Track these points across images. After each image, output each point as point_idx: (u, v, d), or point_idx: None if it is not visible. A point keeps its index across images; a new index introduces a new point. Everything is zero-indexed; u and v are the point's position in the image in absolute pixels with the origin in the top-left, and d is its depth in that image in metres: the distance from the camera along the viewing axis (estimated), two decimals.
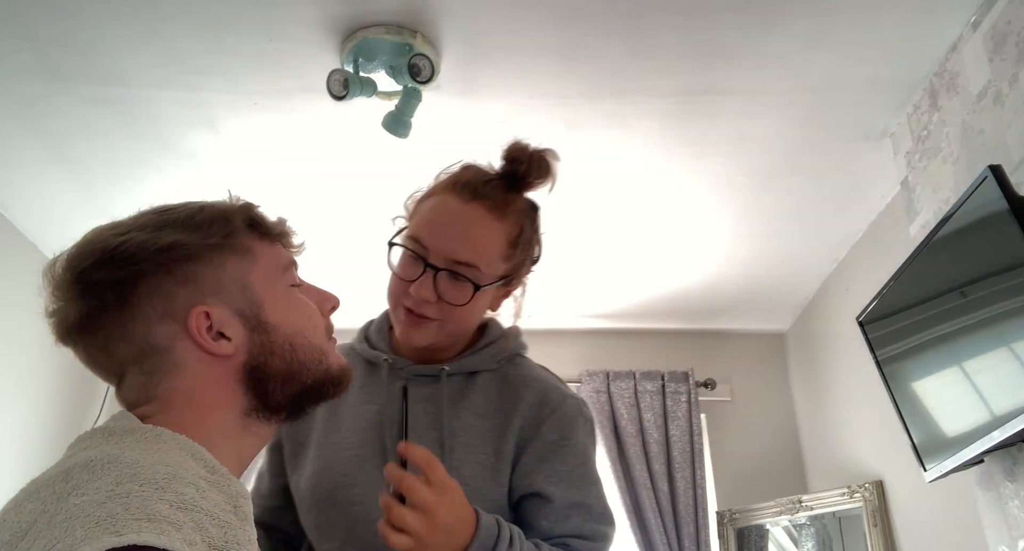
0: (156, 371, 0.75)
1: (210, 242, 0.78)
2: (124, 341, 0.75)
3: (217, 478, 0.69)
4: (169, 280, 0.75)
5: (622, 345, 3.56)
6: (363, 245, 2.87)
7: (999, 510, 1.77)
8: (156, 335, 0.75)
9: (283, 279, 0.82)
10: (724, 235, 2.85)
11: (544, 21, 1.88)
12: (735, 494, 3.31)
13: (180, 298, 0.75)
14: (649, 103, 2.17)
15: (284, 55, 1.99)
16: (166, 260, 0.76)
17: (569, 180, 2.52)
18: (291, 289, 0.83)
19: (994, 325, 1.65)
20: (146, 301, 0.75)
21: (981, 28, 1.82)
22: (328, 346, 0.84)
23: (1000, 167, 1.61)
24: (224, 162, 2.44)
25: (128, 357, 0.76)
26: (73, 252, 0.76)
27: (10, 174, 2.51)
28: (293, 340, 0.79)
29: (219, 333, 0.76)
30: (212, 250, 0.78)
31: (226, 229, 0.79)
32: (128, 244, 0.75)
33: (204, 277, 0.77)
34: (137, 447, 0.67)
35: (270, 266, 0.82)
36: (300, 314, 0.82)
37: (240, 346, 0.77)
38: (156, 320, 0.75)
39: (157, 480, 0.62)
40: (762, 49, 1.96)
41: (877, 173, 2.45)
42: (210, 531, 0.61)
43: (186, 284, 0.76)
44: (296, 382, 0.80)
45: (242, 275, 0.79)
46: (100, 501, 0.58)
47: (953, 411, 1.87)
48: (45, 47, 1.97)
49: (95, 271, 0.74)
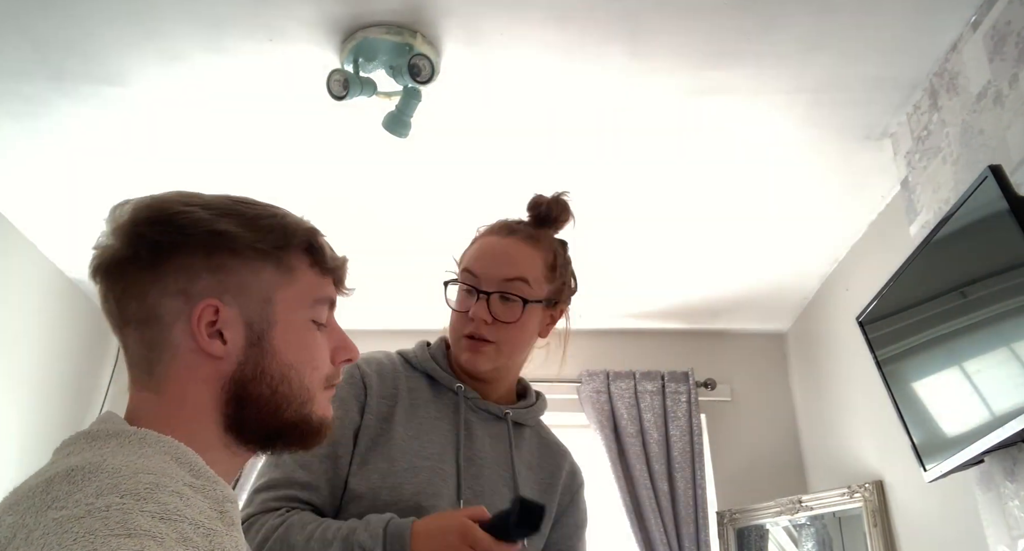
0: (152, 345, 0.75)
1: (258, 246, 0.78)
2: (136, 300, 0.75)
3: (203, 482, 0.68)
4: (202, 262, 0.75)
5: (622, 345, 3.56)
6: (363, 245, 2.87)
7: (999, 510, 1.77)
8: (164, 307, 0.75)
9: (309, 311, 0.81)
10: (724, 235, 2.85)
11: (544, 21, 1.88)
12: (735, 494, 3.31)
13: (201, 283, 0.75)
14: (649, 103, 2.17)
15: (284, 55, 1.99)
16: (210, 244, 0.76)
17: (569, 180, 2.52)
18: (311, 325, 0.81)
19: (994, 325, 1.65)
20: (172, 272, 0.75)
21: (981, 28, 1.82)
22: (320, 394, 0.81)
23: (1000, 167, 1.62)
24: (224, 162, 2.44)
25: (133, 317, 0.76)
26: (143, 202, 0.77)
27: (10, 174, 2.51)
28: (286, 372, 0.78)
29: (218, 332, 0.75)
30: (256, 254, 0.77)
31: (281, 241, 0.79)
32: (186, 216, 0.76)
33: (234, 274, 0.76)
34: (120, 453, 0.66)
35: (303, 293, 0.80)
36: (305, 351, 0.80)
37: (232, 353, 0.76)
38: (171, 293, 0.75)
39: (139, 490, 0.60)
40: (762, 49, 1.96)
41: (877, 173, 2.45)
42: (195, 540, 0.60)
43: (214, 273, 0.76)
44: (273, 416, 0.77)
45: (271, 289, 0.78)
46: (79, 516, 0.57)
47: (953, 411, 1.87)
48: (45, 47, 1.97)
49: (147, 226, 0.75)
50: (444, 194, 2.61)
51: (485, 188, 2.55)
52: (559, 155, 2.39)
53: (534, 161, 2.41)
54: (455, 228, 2.81)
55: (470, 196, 2.59)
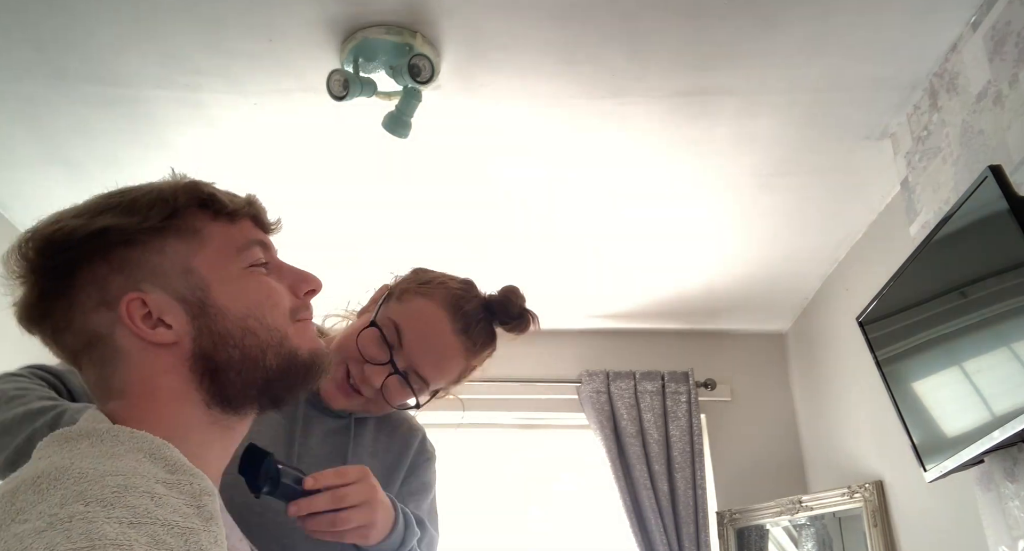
0: (104, 362, 0.73)
1: (148, 225, 0.74)
2: (68, 331, 0.74)
3: (178, 478, 0.65)
4: (104, 266, 0.73)
5: (622, 345, 3.56)
6: (362, 245, 2.87)
7: (999, 510, 1.77)
8: (93, 323, 0.73)
9: (237, 259, 0.77)
10: (724, 235, 2.84)
11: (544, 21, 1.88)
12: (735, 494, 3.31)
13: (114, 285, 0.73)
14: (649, 103, 2.17)
15: (284, 55, 1.99)
16: (100, 246, 0.73)
17: (569, 180, 2.52)
18: (249, 270, 0.78)
19: (994, 325, 1.65)
20: (82, 289, 0.73)
21: (981, 28, 1.82)
22: (291, 328, 0.78)
23: (1000, 167, 1.61)
24: (224, 162, 2.44)
25: (76, 347, 0.74)
26: (22, 237, 0.75)
27: (10, 174, 2.51)
28: (245, 323, 0.74)
29: (159, 320, 0.73)
30: (150, 234, 0.74)
31: (167, 210, 0.76)
32: (60, 231, 0.73)
33: (140, 262, 0.74)
34: (90, 454, 0.64)
35: (222, 246, 0.77)
36: (255, 295, 0.76)
37: (183, 333, 0.73)
38: (92, 308, 0.73)
39: (105, 496, 0.58)
40: (762, 49, 1.96)
41: (877, 173, 2.45)
42: (168, 543, 0.58)
43: (121, 270, 0.73)
44: (256, 369, 0.75)
45: (186, 258, 0.75)
46: (40, 529, 0.55)
47: (953, 411, 1.87)
48: (45, 47, 1.97)
49: (34, 256, 0.73)
50: (439, 202, 2.61)
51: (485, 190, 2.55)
52: (559, 154, 2.39)
53: (535, 161, 2.42)
54: (452, 231, 2.82)
55: (469, 199, 2.59)
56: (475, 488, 3.39)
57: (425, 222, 2.76)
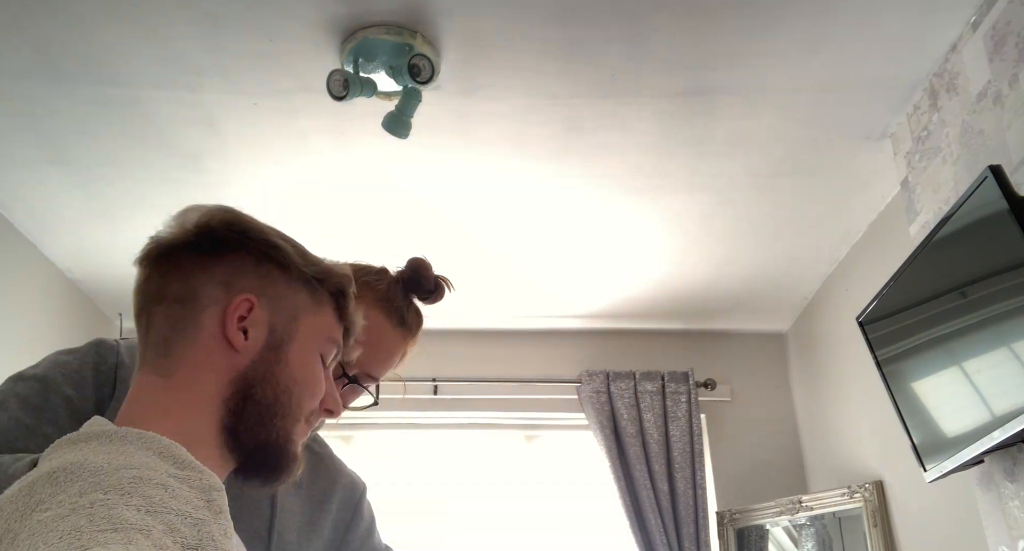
0: (179, 324, 0.78)
1: (303, 270, 0.84)
2: (180, 279, 0.80)
3: (188, 473, 0.68)
4: (251, 264, 0.82)
5: (622, 345, 3.56)
6: (362, 245, 2.87)
7: (999, 510, 1.77)
8: (205, 290, 0.79)
9: (321, 344, 0.85)
10: (724, 235, 2.84)
11: (544, 21, 1.88)
12: (735, 494, 3.31)
13: (245, 280, 0.81)
14: (649, 103, 2.17)
15: (284, 55, 1.99)
16: (264, 253, 0.83)
17: (569, 180, 2.52)
18: (319, 357, 0.85)
19: (994, 325, 1.66)
20: (223, 265, 0.81)
21: (981, 28, 1.82)
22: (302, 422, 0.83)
23: (1000, 167, 1.62)
24: (224, 162, 2.43)
25: (171, 294, 0.79)
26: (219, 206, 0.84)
27: (10, 174, 2.51)
28: (290, 386, 0.81)
29: (246, 328, 0.79)
30: (300, 276, 0.84)
31: (321, 275, 0.86)
32: (254, 226, 0.84)
33: (276, 284, 0.82)
34: (102, 451, 0.67)
35: (323, 328, 0.86)
36: (311, 376, 0.83)
37: (251, 350, 0.79)
38: (216, 282, 0.80)
39: (122, 485, 0.61)
40: (762, 49, 1.96)
41: (877, 173, 2.45)
42: (182, 531, 0.60)
43: (260, 276, 0.82)
44: (267, 424, 0.79)
45: (300, 310, 0.84)
46: (63, 515, 0.57)
47: (953, 411, 1.87)
48: (45, 47, 1.97)
49: (217, 223, 0.82)
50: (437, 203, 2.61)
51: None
52: (559, 153, 2.39)
53: (534, 160, 2.41)
54: (448, 230, 2.83)
55: (465, 200, 2.59)
56: (475, 488, 3.39)
57: (424, 222, 2.76)
